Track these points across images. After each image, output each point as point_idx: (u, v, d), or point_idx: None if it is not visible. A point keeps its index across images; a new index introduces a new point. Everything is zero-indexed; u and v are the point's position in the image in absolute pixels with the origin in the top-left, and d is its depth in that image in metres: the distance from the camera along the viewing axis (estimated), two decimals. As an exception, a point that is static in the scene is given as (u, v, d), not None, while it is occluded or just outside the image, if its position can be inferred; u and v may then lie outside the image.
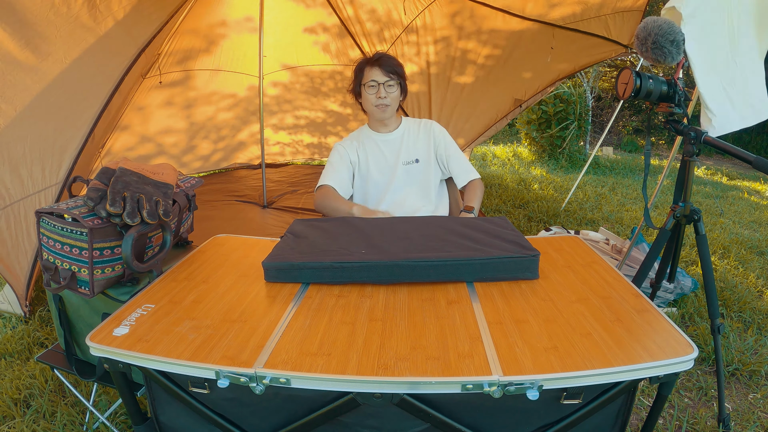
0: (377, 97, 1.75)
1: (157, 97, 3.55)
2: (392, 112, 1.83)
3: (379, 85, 1.75)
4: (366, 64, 1.79)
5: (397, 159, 1.84)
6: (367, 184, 1.85)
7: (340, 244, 1.12)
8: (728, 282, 2.70)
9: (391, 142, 1.87)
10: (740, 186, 5.88)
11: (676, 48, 1.53)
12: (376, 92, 1.76)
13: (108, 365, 0.85)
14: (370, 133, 1.88)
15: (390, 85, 1.77)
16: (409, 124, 1.90)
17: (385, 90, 1.76)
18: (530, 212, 3.93)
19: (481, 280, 1.04)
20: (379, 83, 1.75)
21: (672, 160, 2.09)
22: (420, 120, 1.94)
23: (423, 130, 1.88)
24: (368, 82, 1.76)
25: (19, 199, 1.99)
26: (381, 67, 1.75)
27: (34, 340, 2.04)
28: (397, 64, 1.78)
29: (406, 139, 1.87)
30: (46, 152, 2.00)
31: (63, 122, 2.04)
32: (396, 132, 1.87)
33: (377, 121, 1.85)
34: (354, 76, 1.84)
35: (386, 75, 1.75)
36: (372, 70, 1.75)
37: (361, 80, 1.79)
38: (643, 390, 1.81)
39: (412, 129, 1.89)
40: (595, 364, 0.75)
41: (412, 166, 1.85)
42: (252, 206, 3.57)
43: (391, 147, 1.87)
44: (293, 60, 4.01)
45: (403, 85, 1.81)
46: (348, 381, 0.74)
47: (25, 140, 1.97)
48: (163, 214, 1.12)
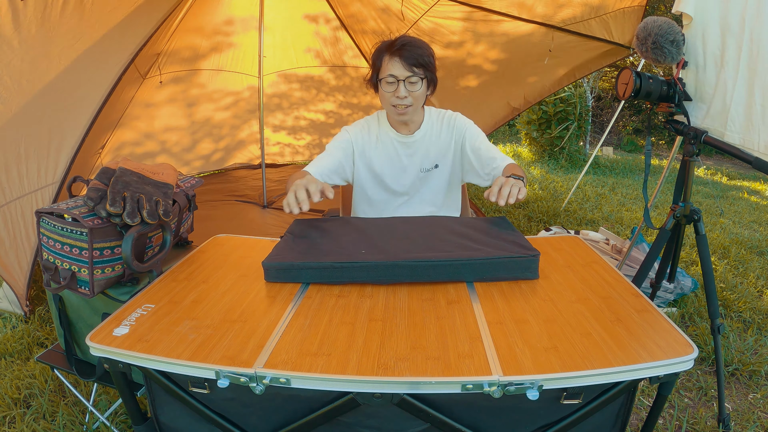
0: (395, 96, 1.43)
1: (159, 96, 3.55)
2: (414, 112, 1.51)
3: (398, 81, 1.41)
4: (385, 52, 1.43)
5: (415, 166, 1.58)
6: (376, 187, 1.61)
7: (340, 244, 1.12)
8: (728, 282, 2.70)
9: (411, 145, 1.57)
10: (740, 186, 5.88)
11: (676, 48, 1.53)
12: (395, 90, 1.42)
13: (108, 365, 0.85)
14: (388, 130, 1.57)
15: (413, 82, 1.42)
16: (432, 121, 1.59)
17: (405, 87, 1.42)
18: (530, 212, 3.93)
19: (481, 280, 1.04)
20: (399, 79, 1.41)
21: (672, 160, 2.09)
22: (443, 113, 1.61)
23: (446, 127, 1.58)
24: (386, 77, 1.42)
25: (15, 198, 1.99)
26: (402, 58, 1.39)
27: (34, 340, 2.04)
28: (424, 53, 1.42)
29: (428, 140, 1.57)
30: (42, 152, 2.00)
31: (59, 122, 2.04)
32: (418, 133, 1.56)
33: (396, 121, 1.55)
34: (371, 64, 1.49)
35: (408, 68, 1.40)
36: (391, 61, 1.41)
37: (379, 71, 1.46)
38: (643, 390, 1.81)
39: (435, 127, 1.58)
40: (595, 364, 0.75)
41: (430, 173, 1.59)
42: (252, 206, 3.57)
43: (409, 151, 1.58)
44: (293, 61, 4.01)
45: (430, 78, 1.47)
46: (348, 381, 0.74)
47: (20, 140, 1.97)
48: (163, 214, 1.12)
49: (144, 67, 3.08)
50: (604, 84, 8.69)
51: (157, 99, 3.55)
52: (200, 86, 3.78)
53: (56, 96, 2.03)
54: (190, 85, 3.71)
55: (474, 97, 3.51)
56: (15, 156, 1.97)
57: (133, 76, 2.90)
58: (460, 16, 3.03)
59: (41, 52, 1.99)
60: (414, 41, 1.42)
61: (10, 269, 2.07)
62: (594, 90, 7.27)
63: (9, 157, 1.96)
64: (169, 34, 3.14)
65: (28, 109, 1.98)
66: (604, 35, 2.86)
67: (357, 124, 1.60)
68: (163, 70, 3.34)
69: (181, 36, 3.29)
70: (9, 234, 2.02)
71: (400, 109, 1.45)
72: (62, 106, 2.05)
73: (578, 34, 2.89)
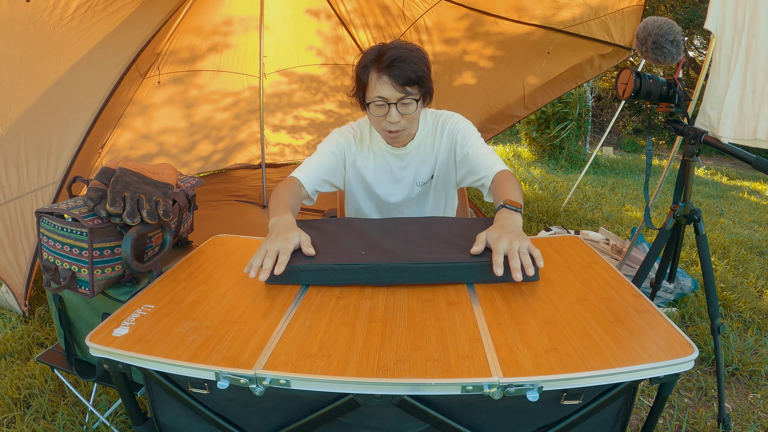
0: (387, 121, 1.27)
1: (158, 96, 3.55)
2: (408, 134, 1.36)
3: (389, 105, 1.24)
4: (372, 68, 1.23)
5: (408, 179, 1.47)
6: (366, 197, 1.52)
7: (340, 245, 1.11)
8: (728, 282, 2.70)
9: (404, 157, 1.44)
10: (740, 186, 5.88)
11: (676, 48, 1.53)
12: (386, 115, 1.26)
13: (108, 365, 0.85)
14: (379, 140, 1.44)
15: (406, 103, 1.24)
16: (428, 129, 1.44)
17: (398, 110, 1.24)
18: (530, 212, 3.93)
19: (482, 282, 1.03)
20: (389, 102, 1.23)
21: (672, 160, 2.09)
22: (438, 116, 1.45)
23: (440, 134, 1.43)
24: (374, 99, 1.24)
25: (15, 197, 1.99)
26: (392, 77, 1.20)
27: (34, 340, 2.04)
28: (418, 68, 1.22)
29: (422, 151, 1.44)
30: (43, 151, 2.00)
31: (60, 122, 2.04)
32: (411, 144, 1.41)
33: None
34: (355, 78, 1.30)
35: (400, 89, 1.21)
36: (380, 81, 1.22)
37: (365, 90, 1.28)
38: (643, 390, 1.81)
39: (429, 136, 1.44)
40: (595, 365, 0.75)
41: (423, 186, 1.48)
42: (252, 206, 3.58)
43: (402, 164, 1.45)
44: (293, 60, 4.01)
45: (426, 92, 1.31)
46: (348, 383, 0.74)
47: (21, 139, 1.97)
48: (163, 214, 1.12)
49: (143, 67, 3.08)
50: (604, 84, 8.69)
51: (155, 100, 3.54)
52: (199, 87, 3.78)
53: (57, 95, 2.03)
54: (189, 86, 3.70)
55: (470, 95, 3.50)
56: (14, 155, 1.97)
57: (133, 75, 2.90)
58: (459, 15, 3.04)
59: (41, 52, 1.99)
60: (404, 54, 1.21)
61: (9, 269, 2.07)
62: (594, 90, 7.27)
63: (8, 156, 1.96)
64: (169, 34, 3.14)
65: (29, 109, 1.98)
66: (605, 37, 2.85)
67: (348, 132, 1.46)
68: (161, 71, 3.34)
69: (180, 36, 3.29)
70: (8, 234, 2.02)
71: (393, 134, 1.30)
72: (63, 105, 2.05)
73: (577, 36, 2.89)
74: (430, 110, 1.49)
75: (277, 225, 1.11)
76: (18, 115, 1.96)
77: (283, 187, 1.30)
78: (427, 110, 1.48)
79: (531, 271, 0.94)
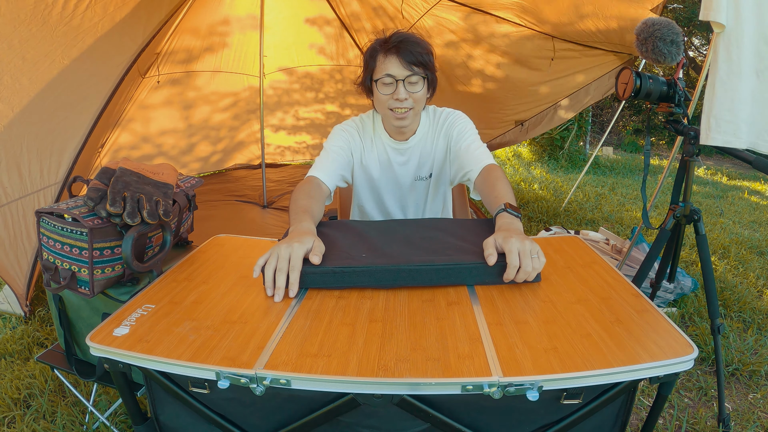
0: (394, 98, 1.29)
1: (157, 97, 3.55)
2: (414, 117, 1.37)
3: (397, 81, 1.28)
4: (380, 50, 1.30)
5: (408, 174, 1.49)
6: (369, 194, 1.53)
7: (340, 247, 1.11)
8: (728, 282, 2.70)
9: (404, 152, 1.46)
10: (740, 186, 5.88)
11: (676, 48, 1.53)
12: (393, 92, 1.29)
13: (108, 365, 0.85)
14: (381, 133, 1.45)
15: (413, 81, 1.29)
16: (429, 124, 1.46)
17: (405, 88, 1.29)
18: (530, 212, 3.93)
19: (483, 283, 1.03)
20: (397, 79, 1.28)
21: (672, 160, 2.09)
22: (438, 113, 1.48)
23: (440, 129, 1.46)
24: (382, 77, 1.29)
25: (17, 198, 1.99)
26: (400, 55, 1.26)
27: (34, 340, 2.04)
28: (423, 51, 1.29)
29: (422, 147, 1.45)
30: (44, 152, 2.00)
31: (61, 122, 2.04)
32: (412, 139, 1.43)
33: (393, 128, 1.41)
34: (364, 65, 1.36)
35: (407, 67, 1.27)
36: (387, 59, 1.28)
37: (373, 72, 1.33)
38: (643, 390, 1.81)
39: (430, 131, 1.46)
40: (595, 365, 0.75)
41: (423, 182, 1.49)
42: (252, 206, 3.58)
43: (403, 159, 1.47)
44: (293, 60, 4.01)
45: (431, 78, 1.34)
46: (348, 382, 0.74)
47: (23, 140, 1.97)
48: (163, 214, 1.12)
49: (143, 66, 3.08)
50: (604, 84, 8.66)
51: (154, 101, 3.55)
52: (197, 88, 3.78)
53: (59, 95, 2.03)
54: (187, 87, 3.70)
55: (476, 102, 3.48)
56: (16, 156, 1.97)
57: (133, 75, 2.90)
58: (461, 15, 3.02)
59: (42, 51, 1.99)
60: (411, 37, 1.28)
61: (10, 269, 2.07)
62: (594, 90, 7.25)
63: (10, 157, 1.96)
64: (168, 34, 3.14)
65: (31, 110, 1.98)
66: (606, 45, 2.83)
67: (350, 126, 1.47)
68: (160, 71, 3.34)
69: (179, 36, 3.29)
70: (9, 234, 2.02)
71: (400, 113, 1.32)
72: (65, 106, 2.05)
73: (579, 44, 2.85)
74: (431, 107, 1.50)
75: (294, 232, 1.09)
76: (20, 115, 1.96)
77: (301, 190, 1.28)
78: (429, 107, 1.50)
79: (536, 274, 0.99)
